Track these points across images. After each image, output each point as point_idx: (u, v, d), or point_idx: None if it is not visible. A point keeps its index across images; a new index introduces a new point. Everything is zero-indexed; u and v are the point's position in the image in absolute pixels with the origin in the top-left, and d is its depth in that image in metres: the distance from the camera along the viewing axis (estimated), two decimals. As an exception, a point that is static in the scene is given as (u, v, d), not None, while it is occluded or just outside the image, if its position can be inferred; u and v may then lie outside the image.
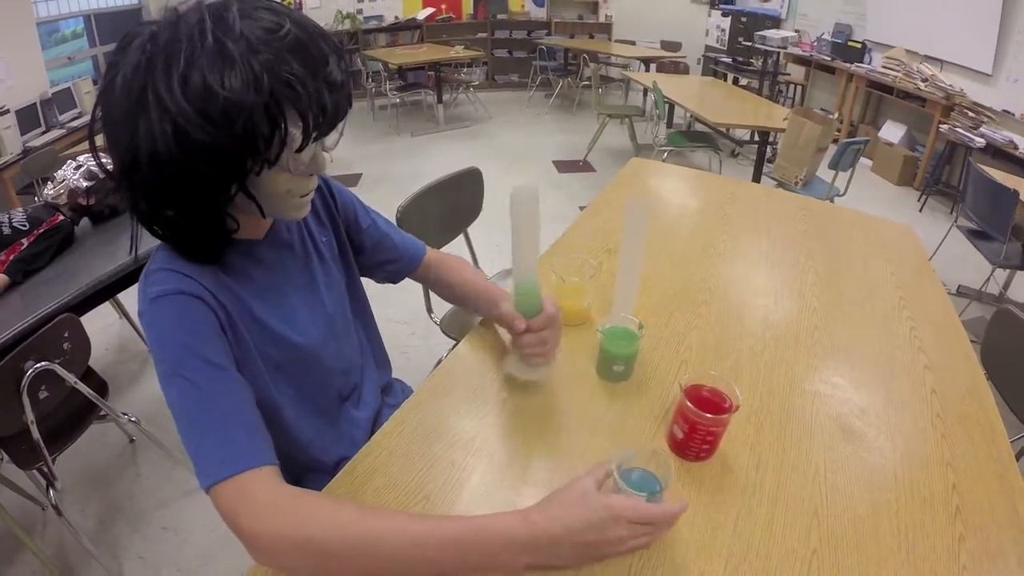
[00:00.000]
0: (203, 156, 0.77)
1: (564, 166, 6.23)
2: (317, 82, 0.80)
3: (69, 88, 5.79)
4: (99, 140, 0.83)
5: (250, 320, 0.97)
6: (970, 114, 5.22)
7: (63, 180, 2.46)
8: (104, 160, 0.85)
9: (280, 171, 0.85)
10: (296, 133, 0.82)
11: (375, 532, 0.78)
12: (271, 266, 1.04)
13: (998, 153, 4.89)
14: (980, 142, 4.96)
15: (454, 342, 1.87)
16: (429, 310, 2.18)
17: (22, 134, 5.16)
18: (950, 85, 5.52)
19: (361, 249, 1.28)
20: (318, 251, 1.15)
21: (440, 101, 7.69)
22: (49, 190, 2.47)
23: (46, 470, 1.96)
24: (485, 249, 2.53)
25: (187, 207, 0.84)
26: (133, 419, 2.32)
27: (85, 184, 2.47)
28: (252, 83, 0.75)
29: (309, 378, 1.11)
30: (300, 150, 0.84)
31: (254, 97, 0.75)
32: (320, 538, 0.76)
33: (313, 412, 1.12)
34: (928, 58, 5.93)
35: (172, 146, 0.75)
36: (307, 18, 0.83)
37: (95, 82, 6.36)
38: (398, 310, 3.21)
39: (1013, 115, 5.04)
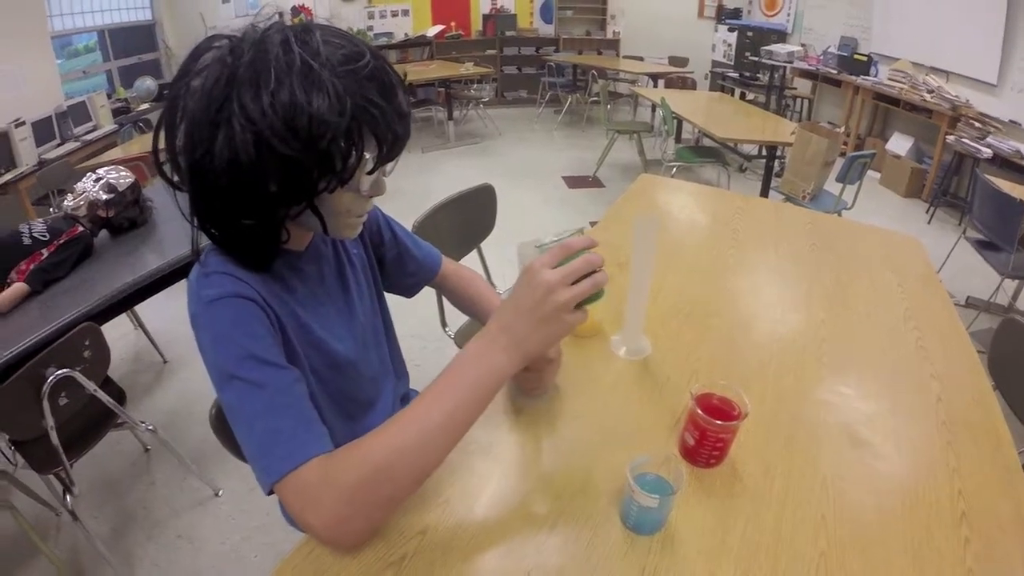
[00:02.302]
0: (281, 168, 0.81)
1: (574, 182, 6.26)
2: (391, 110, 0.85)
3: (84, 101, 5.86)
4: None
5: (297, 326, 1.01)
6: (976, 125, 5.22)
7: (83, 192, 2.50)
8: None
9: (347, 191, 0.90)
10: (370, 156, 0.87)
11: (395, 439, 0.83)
12: (311, 277, 1.08)
13: (1005, 163, 4.89)
14: (987, 152, 4.97)
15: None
16: (443, 324, 2.20)
17: (37, 146, 5.22)
18: (956, 96, 5.54)
19: (382, 262, 1.32)
20: (351, 263, 1.19)
21: (450, 117, 7.74)
22: (69, 202, 2.51)
23: (64, 475, 1.99)
24: (498, 264, 2.55)
25: (251, 214, 0.88)
26: (150, 427, 2.34)
27: (105, 196, 2.52)
28: (337, 105, 0.79)
29: (343, 384, 1.14)
30: (371, 172, 0.90)
31: (338, 119, 0.80)
32: (355, 483, 0.81)
33: (344, 418, 1.15)
34: (934, 69, 5.96)
35: (252, 155, 0.79)
36: (379, 51, 0.88)
37: (109, 96, 6.43)
38: (412, 324, 3.23)
39: (1019, 125, 5.05)
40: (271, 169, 0.81)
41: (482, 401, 0.86)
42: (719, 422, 1.00)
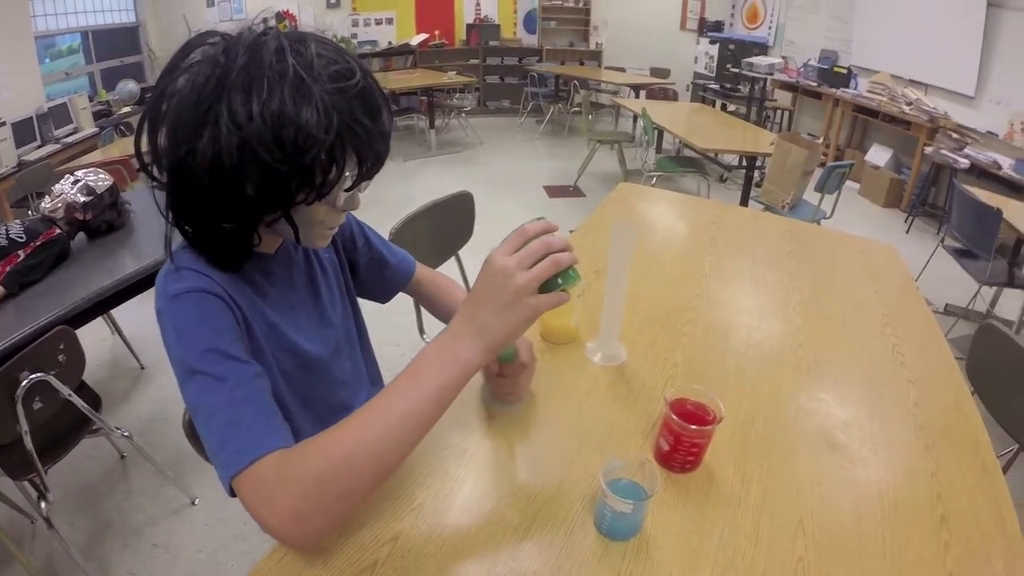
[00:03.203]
0: (262, 176, 0.81)
1: (554, 191, 6.29)
2: (375, 131, 0.86)
3: (65, 103, 5.80)
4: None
5: (265, 326, 1.00)
6: (954, 136, 5.31)
7: (61, 194, 2.47)
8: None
9: (322, 204, 0.90)
10: (350, 174, 0.88)
11: (356, 432, 0.80)
12: (281, 280, 1.07)
13: (983, 173, 4.99)
14: (965, 163, 5.05)
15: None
16: (421, 331, 2.20)
17: (17, 147, 5.16)
18: (934, 108, 5.63)
19: (355, 268, 1.31)
20: (322, 267, 1.18)
21: (432, 126, 7.75)
22: (46, 204, 2.48)
23: (38, 482, 1.96)
24: (477, 272, 2.54)
25: (227, 217, 0.88)
26: (126, 434, 2.31)
27: (82, 199, 2.49)
28: (324, 121, 0.79)
29: (315, 388, 1.13)
30: (350, 189, 0.91)
31: (324, 135, 0.80)
32: (315, 476, 0.78)
33: (315, 422, 1.13)
34: (912, 82, 6.05)
35: (235, 159, 0.79)
36: (369, 70, 0.88)
37: (91, 99, 6.38)
38: (389, 331, 3.22)
39: (997, 136, 5.14)
40: (252, 175, 0.81)
41: (447, 394, 0.82)
42: (693, 427, 1.00)
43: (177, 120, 0.81)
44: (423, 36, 9.20)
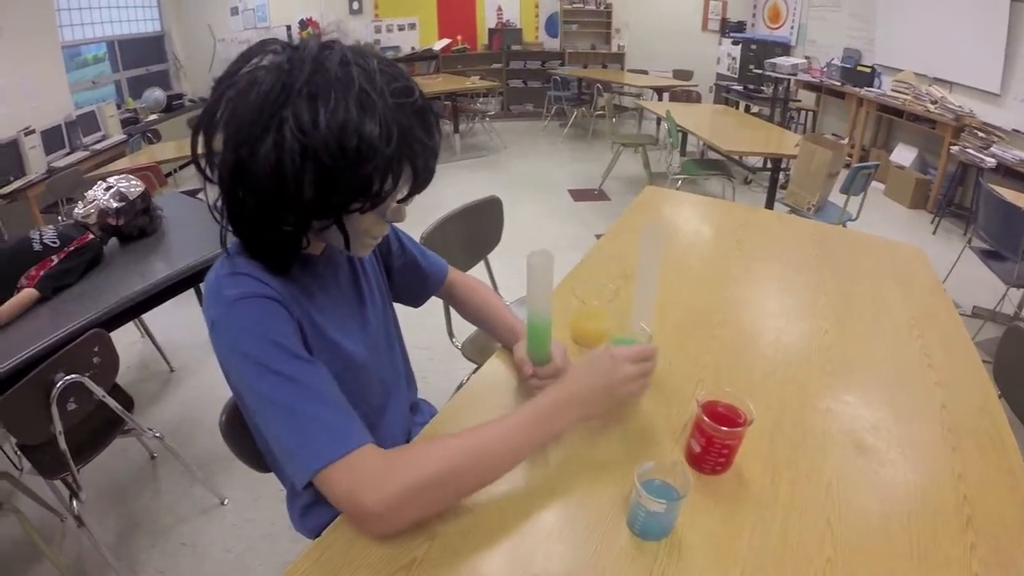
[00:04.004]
0: (321, 182, 0.84)
1: (579, 195, 6.27)
2: (430, 147, 0.91)
3: (93, 111, 5.90)
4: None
5: (311, 327, 1.02)
6: (980, 135, 5.23)
7: (93, 200, 2.53)
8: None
9: (372, 213, 0.92)
10: (405, 187, 0.92)
11: (462, 454, 0.93)
12: (326, 281, 1.10)
13: (1009, 172, 4.89)
14: (991, 162, 4.96)
15: (474, 366, 1.90)
16: (451, 334, 2.22)
17: (47, 154, 5.26)
18: (959, 106, 5.54)
19: (389, 271, 1.33)
20: (364, 270, 1.21)
21: (456, 131, 7.81)
22: (79, 209, 2.53)
23: (71, 480, 2.00)
24: (505, 276, 2.56)
25: (281, 220, 0.91)
26: (158, 435, 2.35)
27: (115, 205, 2.54)
28: (386, 134, 0.83)
29: (356, 388, 1.14)
30: (401, 202, 0.95)
31: (385, 147, 0.83)
32: (424, 478, 0.89)
33: None
34: (937, 80, 5.96)
35: (297, 164, 0.82)
36: (421, 90, 0.92)
37: (118, 106, 6.47)
38: (419, 336, 3.24)
39: (1023, 134, 5.05)
40: (311, 180, 0.84)
41: (536, 448, 1.01)
42: (725, 429, 1.01)
43: (240, 123, 0.84)
44: (445, 41, 9.24)
